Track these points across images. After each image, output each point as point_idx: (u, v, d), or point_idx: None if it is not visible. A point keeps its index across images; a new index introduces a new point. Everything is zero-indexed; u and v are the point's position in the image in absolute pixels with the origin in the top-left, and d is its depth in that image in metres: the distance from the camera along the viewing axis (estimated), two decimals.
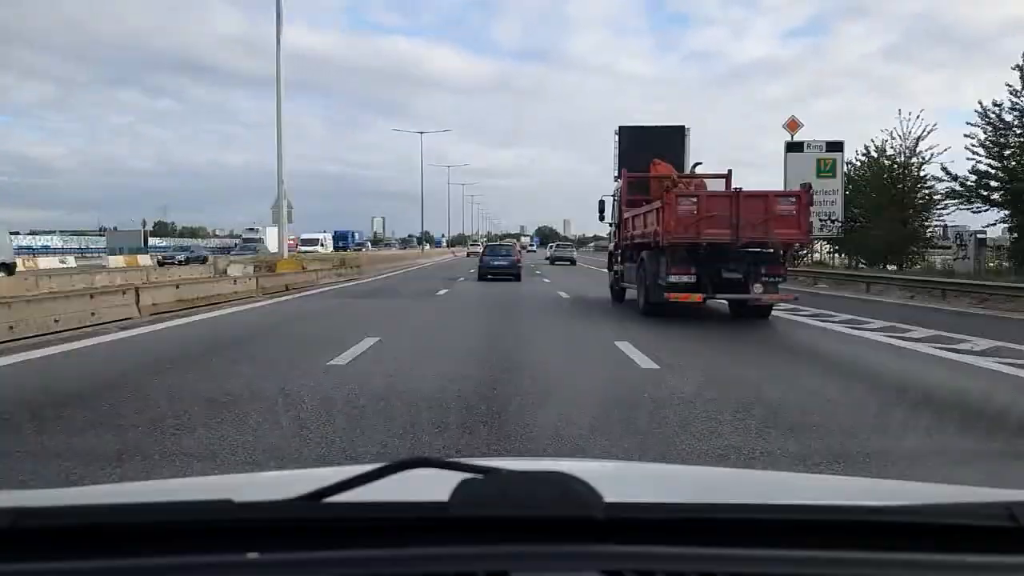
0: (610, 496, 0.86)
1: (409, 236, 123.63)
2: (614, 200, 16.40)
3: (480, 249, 31.94)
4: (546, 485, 0.87)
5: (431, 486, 0.89)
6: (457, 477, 0.87)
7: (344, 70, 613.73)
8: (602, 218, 17.45)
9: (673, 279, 11.71)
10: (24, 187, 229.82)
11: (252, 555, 0.84)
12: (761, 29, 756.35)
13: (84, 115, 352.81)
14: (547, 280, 26.25)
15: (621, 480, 1.41)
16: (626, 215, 14.84)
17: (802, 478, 1.58)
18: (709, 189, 14.17)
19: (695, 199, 11.89)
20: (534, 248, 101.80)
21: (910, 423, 5.23)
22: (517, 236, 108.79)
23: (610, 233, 17.39)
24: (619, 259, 15.82)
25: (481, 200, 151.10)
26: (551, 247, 60.37)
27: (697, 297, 11.79)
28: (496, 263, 26.13)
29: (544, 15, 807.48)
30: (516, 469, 0.94)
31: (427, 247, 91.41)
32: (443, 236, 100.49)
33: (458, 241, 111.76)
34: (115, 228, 77.55)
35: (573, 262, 44.04)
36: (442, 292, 19.57)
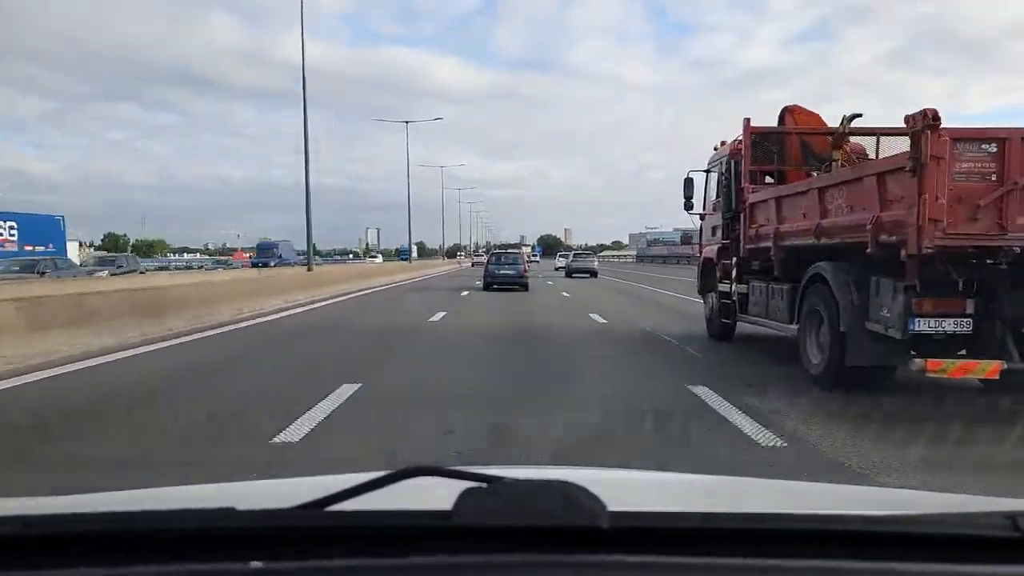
0: (614, 505, 0.85)
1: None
2: (722, 175, 10.16)
3: (485, 259, 31.61)
4: (550, 494, 0.87)
5: (435, 495, 0.88)
6: (461, 485, 0.87)
7: (344, 80, 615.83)
8: (689, 206, 11.28)
9: (925, 326, 5.67)
10: (19, 203, 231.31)
11: (255, 563, 0.83)
12: (766, 35, 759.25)
13: (82, 130, 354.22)
14: (602, 319, 13.88)
15: (626, 489, 1.40)
16: (753, 198, 8.89)
17: (805, 487, 1.57)
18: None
19: (992, 152, 5.44)
20: (537, 258, 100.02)
21: None
22: (518, 246, 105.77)
23: (704, 229, 11.52)
24: (734, 273, 9.71)
25: (480, 209, 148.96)
26: (563, 256, 56.24)
27: (990, 370, 5.53)
28: (503, 272, 25.54)
29: (546, 23, 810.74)
30: (520, 478, 0.93)
31: (376, 260, 65.92)
32: (416, 246, 70.44)
33: (448, 252, 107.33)
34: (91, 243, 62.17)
35: (594, 274, 41.22)
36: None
